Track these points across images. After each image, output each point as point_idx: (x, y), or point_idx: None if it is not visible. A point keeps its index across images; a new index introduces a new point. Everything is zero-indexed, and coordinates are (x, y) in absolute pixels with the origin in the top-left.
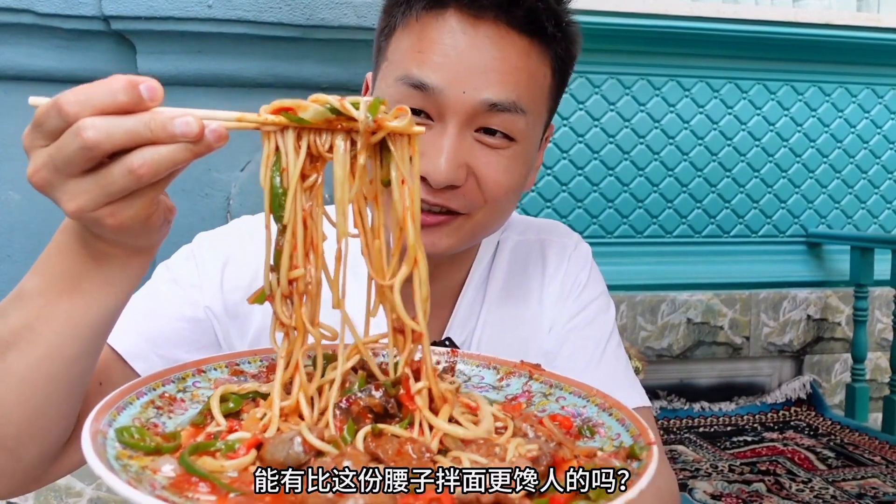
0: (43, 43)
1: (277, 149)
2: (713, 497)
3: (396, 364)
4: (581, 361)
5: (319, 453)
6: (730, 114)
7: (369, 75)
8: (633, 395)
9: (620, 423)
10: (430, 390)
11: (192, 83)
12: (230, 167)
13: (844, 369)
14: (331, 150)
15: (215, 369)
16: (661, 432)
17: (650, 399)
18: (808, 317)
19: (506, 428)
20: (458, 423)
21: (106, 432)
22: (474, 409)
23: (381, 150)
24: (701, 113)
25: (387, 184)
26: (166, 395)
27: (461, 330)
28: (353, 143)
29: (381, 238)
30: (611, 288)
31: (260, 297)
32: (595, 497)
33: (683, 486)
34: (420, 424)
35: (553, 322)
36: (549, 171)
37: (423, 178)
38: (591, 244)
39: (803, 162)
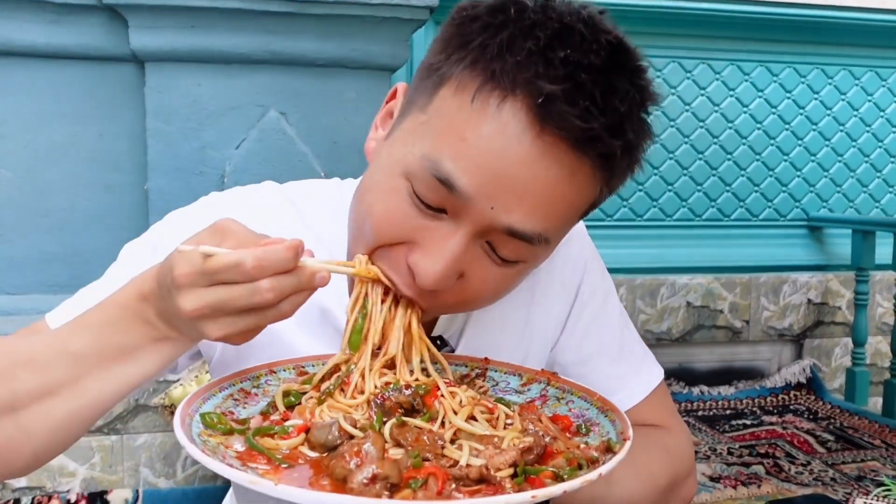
0: (34, 17)
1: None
2: (712, 479)
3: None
4: (610, 357)
5: (351, 437)
6: (731, 96)
7: (402, 87)
8: (653, 369)
9: (612, 423)
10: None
11: (185, 59)
12: (225, 145)
13: (845, 353)
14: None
15: (284, 370)
16: None
17: None
18: (809, 301)
19: (513, 424)
20: (475, 419)
21: (193, 416)
22: (492, 410)
23: None
24: (702, 95)
25: None
26: (243, 390)
27: (450, 322)
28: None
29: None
30: (610, 271)
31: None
32: (570, 477)
33: None
34: (442, 421)
35: (562, 316)
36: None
37: (409, 267)
38: (591, 227)
39: (805, 145)
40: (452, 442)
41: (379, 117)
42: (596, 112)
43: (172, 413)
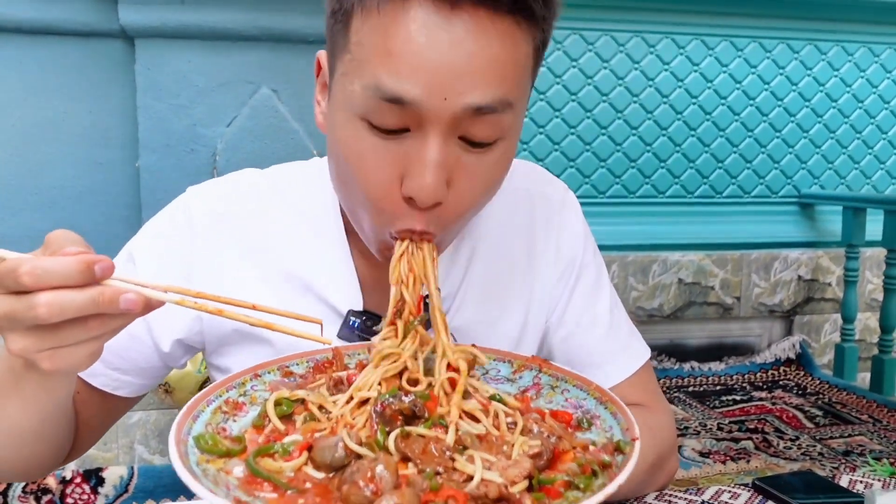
0: None
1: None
2: (701, 454)
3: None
4: (598, 332)
5: (358, 456)
6: (724, 72)
7: (322, 54)
8: (640, 348)
9: (613, 417)
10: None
11: (175, 35)
12: (216, 122)
13: (834, 329)
14: None
15: (269, 373)
16: None
17: None
18: (799, 277)
19: (515, 423)
20: (475, 419)
21: (186, 441)
22: (486, 407)
23: None
24: (695, 71)
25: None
26: (230, 400)
27: (445, 276)
28: None
29: None
30: (602, 248)
31: None
32: (585, 487)
33: None
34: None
35: (556, 295)
36: (541, 130)
37: (406, 202)
38: (583, 203)
39: (797, 122)
40: (460, 449)
41: (317, 92)
42: None
43: (167, 391)
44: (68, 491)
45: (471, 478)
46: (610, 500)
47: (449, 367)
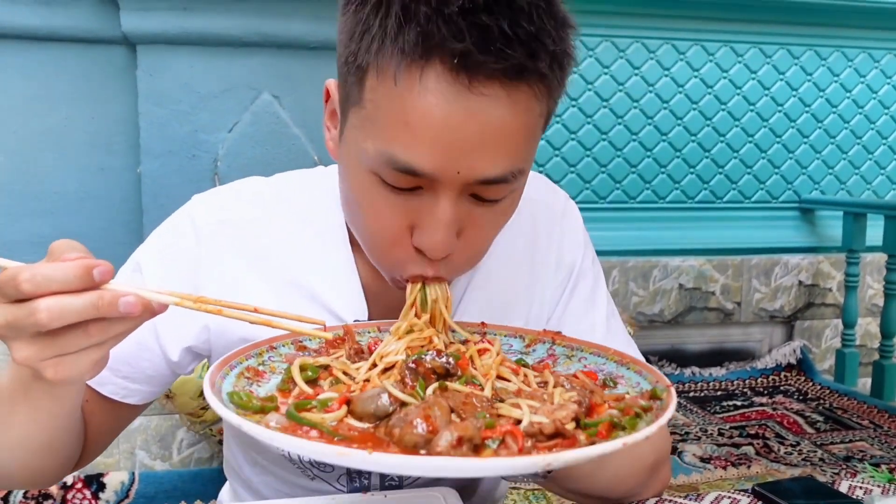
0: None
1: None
2: (702, 460)
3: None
4: (594, 340)
5: (403, 404)
6: (724, 78)
7: (331, 83)
8: (636, 356)
9: (638, 374)
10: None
11: (177, 41)
12: (218, 128)
13: (835, 335)
14: None
15: (284, 346)
16: None
17: None
18: (800, 282)
19: (545, 382)
20: (506, 380)
21: (220, 396)
22: (516, 370)
23: None
24: (695, 77)
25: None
26: (250, 367)
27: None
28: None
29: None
30: (603, 253)
31: None
32: (630, 426)
33: (673, 450)
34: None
35: (554, 301)
36: (546, 128)
37: (417, 250)
38: (584, 209)
39: (798, 127)
40: (500, 401)
41: (326, 118)
42: (512, 45)
43: (168, 396)
44: (69, 496)
45: (518, 423)
46: (610, 500)
47: (465, 342)
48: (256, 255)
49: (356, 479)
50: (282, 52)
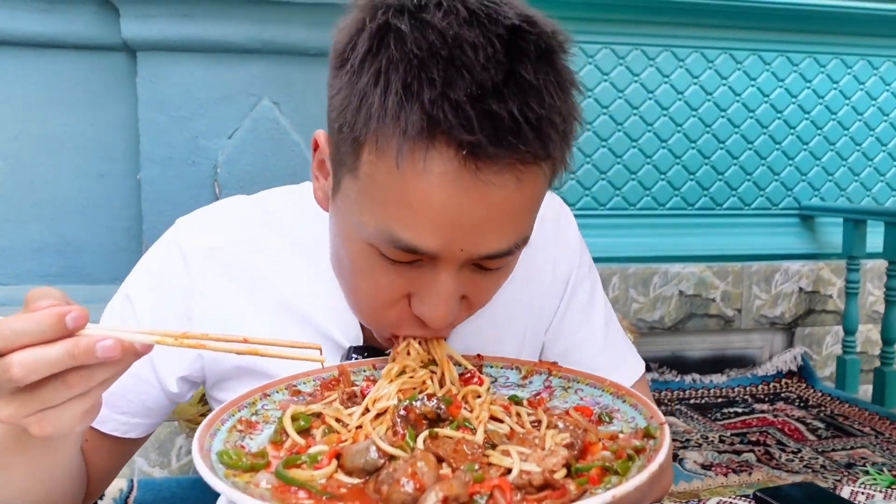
0: (24, 6)
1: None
2: (703, 467)
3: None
4: (594, 347)
5: (392, 457)
6: (724, 84)
7: (320, 134)
8: (636, 364)
9: (633, 408)
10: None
11: (176, 48)
12: (218, 135)
13: (835, 341)
14: None
15: (277, 392)
16: None
17: None
18: (800, 289)
19: (539, 421)
20: (497, 420)
21: (210, 456)
22: (508, 408)
23: None
24: (695, 84)
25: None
26: (243, 419)
27: None
28: None
29: None
30: (603, 260)
31: None
32: (622, 471)
33: (674, 457)
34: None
35: (553, 304)
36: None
37: (417, 317)
38: (584, 216)
39: (797, 134)
40: (490, 447)
41: (314, 167)
42: (523, 134)
43: None
44: None
45: (507, 472)
46: None
47: (460, 378)
48: (247, 280)
49: None
50: (282, 59)
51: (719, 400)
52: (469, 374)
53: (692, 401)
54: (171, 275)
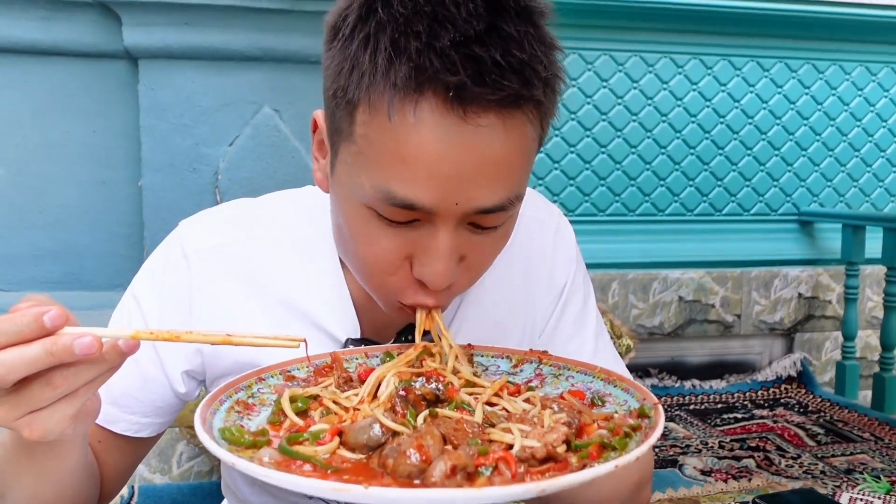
0: (26, 14)
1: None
2: (703, 472)
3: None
4: (583, 358)
5: (395, 433)
6: (723, 91)
7: (318, 114)
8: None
9: (625, 392)
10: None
11: (178, 56)
12: (218, 142)
13: (835, 347)
14: None
15: (272, 376)
16: None
17: (641, 377)
18: (800, 295)
19: (533, 405)
20: (495, 404)
21: (212, 433)
22: (514, 391)
23: None
24: (694, 90)
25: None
26: (240, 400)
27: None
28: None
29: None
30: (603, 265)
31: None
32: (620, 446)
33: (674, 462)
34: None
35: (545, 318)
36: (541, 149)
37: (417, 280)
38: (584, 222)
39: (796, 140)
40: (491, 426)
41: (314, 148)
42: (506, 75)
43: None
44: None
45: (509, 448)
46: None
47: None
48: (247, 278)
49: None
50: (282, 67)
51: (719, 405)
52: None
53: (692, 406)
54: (174, 275)
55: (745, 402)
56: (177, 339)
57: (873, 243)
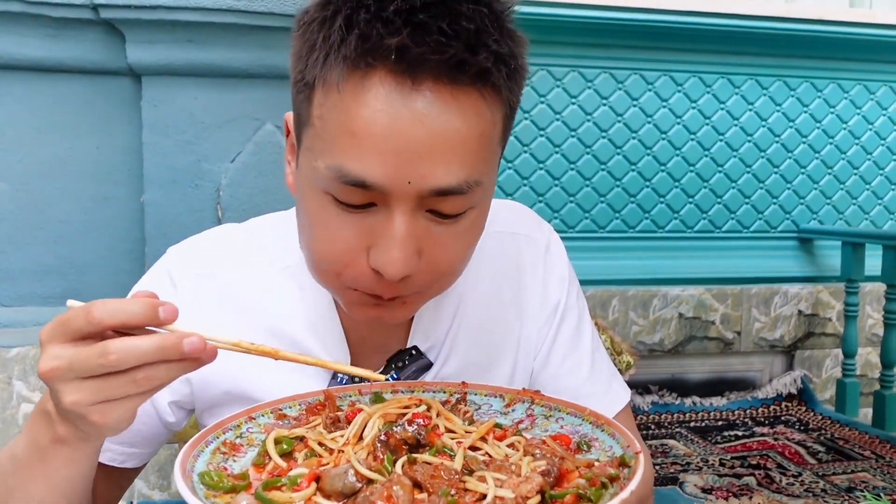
0: (31, 31)
1: None
2: (704, 490)
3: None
4: (580, 376)
5: (370, 481)
6: (722, 109)
7: (289, 117)
8: (621, 392)
9: (612, 437)
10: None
11: (181, 73)
12: (220, 158)
13: (835, 364)
14: None
15: (263, 415)
16: (653, 427)
17: (642, 394)
18: (800, 312)
19: (517, 450)
20: (475, 449)
21: (192, 477)
22: (485, 435)
23: None
24: (693, 108)
25: None
26: (227, 441)
27: (425, 338)
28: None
29: None
30: (602, 282)
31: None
32: (595, 498)
33: (674, 480)
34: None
35: (540, 338)
36: (541, 166)
37: (374, 271)
38: (583, 238)
39: (795, 157)
40: (468, 472)
41: (287, 152)
42: (450, 40)
43: None
44: None
45: (483, 497)
46: None
47: (444, 404)
48: (236, 306)
49: None
50: (284, 84)
51: (719, 423)
52: (447, 402)
53: (692, 423)
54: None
55: (746, 420)
56: (273, 355)
57: (873, 261)
